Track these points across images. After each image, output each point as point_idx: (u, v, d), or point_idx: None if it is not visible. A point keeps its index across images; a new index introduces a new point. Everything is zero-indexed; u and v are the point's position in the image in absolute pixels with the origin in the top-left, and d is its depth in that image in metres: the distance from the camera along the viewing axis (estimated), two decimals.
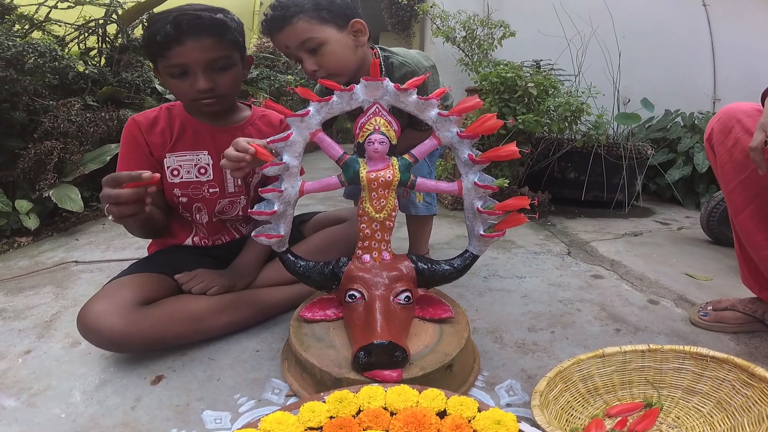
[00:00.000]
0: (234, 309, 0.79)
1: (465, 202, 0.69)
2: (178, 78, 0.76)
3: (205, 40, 0.74)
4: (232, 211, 0.88)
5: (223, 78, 0.78)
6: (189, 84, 0.76)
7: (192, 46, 0.73)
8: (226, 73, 0.78)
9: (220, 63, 0.77)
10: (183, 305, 0.75)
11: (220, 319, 0.77)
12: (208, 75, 0.76)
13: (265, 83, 3.89)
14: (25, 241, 1.44)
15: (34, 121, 1.59)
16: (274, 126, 0.89)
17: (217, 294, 0.79)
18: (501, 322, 0.87)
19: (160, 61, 0.76)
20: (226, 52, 0.77)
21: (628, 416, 0.58)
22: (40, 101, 1.60)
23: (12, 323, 0.88)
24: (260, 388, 0.67)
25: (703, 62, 2.49)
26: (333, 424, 0.47)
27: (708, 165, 1.86)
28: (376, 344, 0.58)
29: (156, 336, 0.70)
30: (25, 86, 1.50)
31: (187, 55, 0.74)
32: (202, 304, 0.76)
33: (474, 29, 2.24)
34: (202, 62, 0.75)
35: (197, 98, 0.77)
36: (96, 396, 0.65)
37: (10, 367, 0.72)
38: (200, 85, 0.75)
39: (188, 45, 0.73)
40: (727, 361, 0.57)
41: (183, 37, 0.72)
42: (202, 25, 0.73)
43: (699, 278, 1.11)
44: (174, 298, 0.76)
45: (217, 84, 0.77)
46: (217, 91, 0.77)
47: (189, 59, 0.74)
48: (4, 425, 0.59)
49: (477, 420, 0.47)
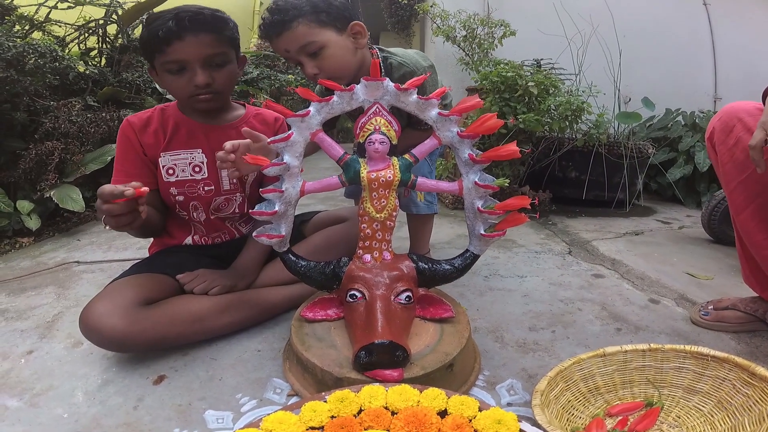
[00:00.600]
0: (235, 309, 0.79)
1: (465, 202, 0.69)
2: (176, 74, 0.76)
3: (204, 36, 0.75)
4: (228, 208, 0.88)
5: (221, 74, 0.79)
6: (187, 79, 0.77)
7: (192, 42, 0.74)
8: (223, 69, 0.79)
9: (217, 59, 0.77)
10: (184, 306, 0.75)
11: (221, 319, 0.77)
12: (206, 71, 0.77)
13: (265, 83, 3.90)
14: (27, 242, 1.44)
15: (35, 121, 1.60)
16: (268, 124, 0.89)
17: (219, 294, 0.79)
18: (502, 321, 0.87)
19: (158, 57, 0.76)
20: (224, 48, 0.78)
21: (629, 415, 0.58)
22: (40, 102, 1.60)
23: (14, 323, 0.88)
24: (262, 387, 0.67)
25: (703, 61, 2.48)
26: (334, 424, 0.48)
27: (709, 164, 1.85)
28: (377, 344, 0.58)
29: (157, 336, 0.71)
30: (25, 87, 1.51)
31: (187, 50, 0.74)
32: (203, 305, 0.76)
33: (474, 28, 2.24)
34: (201, 58, 0.75)
35: (194, 94, 0.78)
36: (98, 396, 0.65)
37: (12, 367, 0.73)
38: (198, 80, 0.76)
39: (188, 40, 0.74)
40: (728, 360, 0.57)
41: (184, 33, 0.73)
42: (203, 20, 0.75)
43: (700, 277, 1.11)
44: (175, 299, 0.77)
45: (215, 80, 0.78)
46: (214, 87, 0.78)
47: (188, 54, 0.75)
48: (8, 425, 0.59)
49: (478, 419, 0.48)
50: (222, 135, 0.82)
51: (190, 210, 0.87)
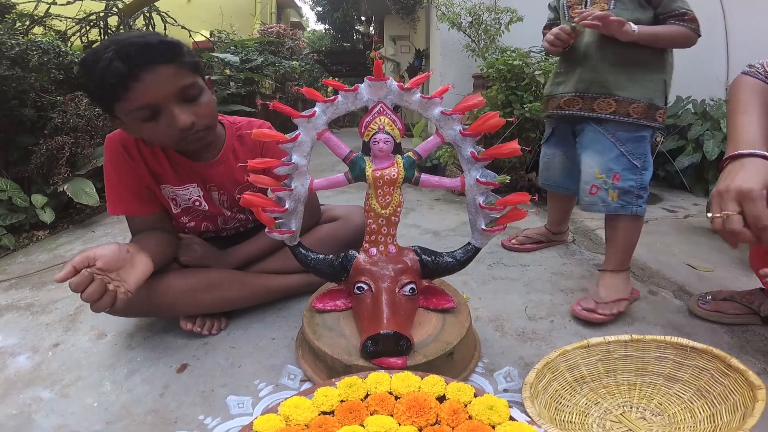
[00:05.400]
0: (227, 287, 0.82)
1: (467, 198, 0.71)
2: (150, 121, 0.65)
3: (164, 69, 0.63)
4: (236, 218, 0.90)
5: (201, 108, 0.69)
6: (166, 124, 0.66)
7: (152, 80, 0.62)
8: (200, 101, 0.69)
9: (191, 92, 0.67)
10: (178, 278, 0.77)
11: (211, 293, 0.80)
12: (184, 108, 0.66)
13: (270, 69, 3.88)
14: (42, 235, 1.49)
15: (43, 117, 1.63)
16: (249, 147, 0.82)
17: (188, 263, 0.82)
18: (503, 310, 0.91)
19: (118, 106, 0.64)
20: (191, 77, 0.67)
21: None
22: (47, 97, 1.63)
23: (40, 317, 0.93)
24: (277, 373, 0.71)
25: (716, 47, 2.41)
26: (344, 408, 0.52)
27: (718, 152, 1.84)
28: (383, 334, 0.62)
29: (151, 304, 0.74)
30: (31, 83, 1.53)
31: (151, 92, 0.62)
32: (192, 280, 0.78)
33: (480, 14, 2.20)
34: (172, 95, 0.64)
35: (182, 137, 0.68)
36: (126, 385, 0.70)
37: (42, 360, 0.77)
38: (182, 121, 0.65)
39: (148, 80, 0.61)
40: (706, 351, 0.60)
41: (139, 72, 0.60)
42: (155, 51, 0.62)
43: (700, 269, 1.12)
44: (171, 272, 0.79)
45: (199, 116, 0.68)
46: (200, 124, 0.69)
47: (155, 96, 0.63)
48: (42, 416, 0.63)
49: (472, 405, 0.51)
50: (212, 171, 0.79)
51: (201, 229, 0.88)
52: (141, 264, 0.67)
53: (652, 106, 0.89)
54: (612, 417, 0.60)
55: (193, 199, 0.81)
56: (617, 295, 0.87)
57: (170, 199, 0.81)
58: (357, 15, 9.17)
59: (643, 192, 0.91)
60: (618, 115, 0.90)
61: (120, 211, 0.78)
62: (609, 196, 0.90)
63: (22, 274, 1.17)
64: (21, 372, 0.74)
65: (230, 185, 0.83)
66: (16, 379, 0.72)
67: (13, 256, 1.33)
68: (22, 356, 0.78)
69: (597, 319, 0.84)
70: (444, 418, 0.50)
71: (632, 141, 0.90)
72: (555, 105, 0.99)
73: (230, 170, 0.81)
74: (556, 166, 1.10)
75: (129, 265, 0.65)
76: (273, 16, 8.03)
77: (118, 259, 0.63)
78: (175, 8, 2.80)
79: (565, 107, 0.96)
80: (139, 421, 0.62)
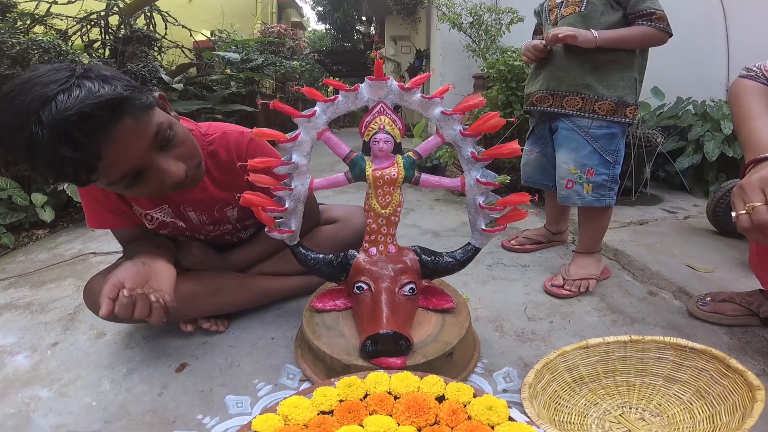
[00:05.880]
0: (228, 292, 0.82)
1: (467, 198, 0.71)
2: (136, 183, 0.57)
3: (122, 128, 0.51)
4: (222, 228, 0.84)
5: (184, 148, 0.61)
6: (156, 180, 0.59)
7: (117, 147, 0.51)
8: (177, 139, 0.60)
9: (164, 134, 0.57)
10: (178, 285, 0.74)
11: (214, 299, 0.80)
12: (169, 157, 0.59)
13: (270, 69, 3.89)
14: (42, 233, 1.49)
15: None
16: (222, 163, 0.74)
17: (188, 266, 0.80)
18: (502, 311, 0.90)
19: (93, 181, 0.54)
20: (155, 117, 0.56)
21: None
22: None
23: (39, 316, 0.92)
24: (276, 373, 0.71)
25: (716, 48, 2.42)
26: (342, 408, 0.52)
27: (718, 153, 1.84)
28: (382, 334, 0.62)
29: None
30: None
31: (122, 158, 0.52)
32: (193, 286, 0.77)
33: (481, 15, 2.20)
34: (148, 148, 0.55)
35: (178, 187, 0.62)
36: (124, 384, 0.70)
37: (41, 359, 0.77)
38: (175, 174, 0.59)
39: (110, 150, 0.50)
40: (705, 352, 0.60)
41: (96, 148, 0.49)
42: (99, 112, 0.48)
43: (700, 270, 1.12)
44: None
45: (185, 158, 0.61)
46: (191, 165, 0.62)
47: (131, 160, 0.54)
48: (40, 415, 0.63)
49: (471, 405, 0.51)
50: (183, 194, 0.72)
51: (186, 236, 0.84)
52: (163, 270, 0.67)
53: (621, 103, 0.96)
54: (611, 418, 0.60)
55: (167, 220, 0.77)
56: (586, 274, 0.98)
57: (143, 217, 0.76)
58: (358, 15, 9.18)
59: (614, 185, 0.99)
60: (584, 112, 0.97)
61: (100, 226, 0.76)
62: (584, 190, 0.98)
63: (21, 272, 1.17)
64: (20, 371, 0.73)
65: (207, 204, 0.77)
66: (14, 378, 0.72)
67: (13, 254, 1.33)
68: (21, 355, 0.78)
69: (563, 294, 0.95)
70: (443, 419, 0.50)
71: (604, 138, 0.97)
72: (529, 101, 1.07)
73: (204, 191, 0.74)
74: (532, 163, 1.16)
75: (153, 275, 0.66)
76: (274, 16, 8.04)
77: (140, 273, 0.64)
78: (176, 7, 2.80)
79: (538, 104, 1.04)
80: (137, 421, 0.62)
